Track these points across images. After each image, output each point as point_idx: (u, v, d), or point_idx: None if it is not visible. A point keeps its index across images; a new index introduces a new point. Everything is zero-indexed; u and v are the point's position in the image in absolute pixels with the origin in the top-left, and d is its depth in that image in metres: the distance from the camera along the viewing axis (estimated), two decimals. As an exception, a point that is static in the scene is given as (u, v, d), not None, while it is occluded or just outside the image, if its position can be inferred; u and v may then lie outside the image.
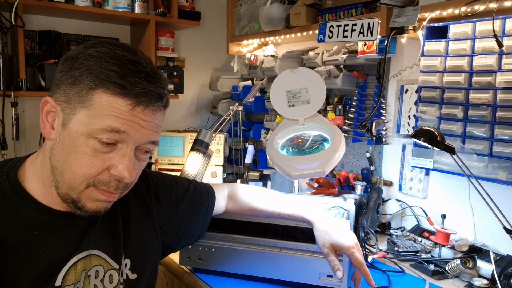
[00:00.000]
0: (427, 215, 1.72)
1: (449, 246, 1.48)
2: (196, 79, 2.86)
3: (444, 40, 1.55)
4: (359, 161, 2.05)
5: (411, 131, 1.68)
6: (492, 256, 1.35)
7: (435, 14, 1.53)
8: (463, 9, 1.44)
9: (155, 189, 1.07)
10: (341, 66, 2.00)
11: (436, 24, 1.58)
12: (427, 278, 1.39)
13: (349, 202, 1.33)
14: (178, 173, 1.63)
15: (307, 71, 1.63)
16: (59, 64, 0.83)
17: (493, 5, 1.34)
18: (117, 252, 0.93)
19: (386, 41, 1.64)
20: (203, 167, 1.74)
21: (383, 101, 1.90)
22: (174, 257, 1.39)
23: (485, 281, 1.31)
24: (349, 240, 1.12)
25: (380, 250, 1.57)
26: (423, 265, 1.45)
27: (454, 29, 1.52)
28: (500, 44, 1.36)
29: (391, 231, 1.76)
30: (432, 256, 1.50)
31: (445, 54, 1.56)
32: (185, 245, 1.22)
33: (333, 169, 1.72)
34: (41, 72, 2.15)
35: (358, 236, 1.45)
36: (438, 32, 1.58)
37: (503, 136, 1.42)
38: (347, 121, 2.03)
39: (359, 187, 1.86)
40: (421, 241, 1.60)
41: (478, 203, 1.43)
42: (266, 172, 2.06)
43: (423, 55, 1.63)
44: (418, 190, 1.78)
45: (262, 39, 2.41)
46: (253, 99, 2.41)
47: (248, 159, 1.98)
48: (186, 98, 2.79)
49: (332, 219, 1.19)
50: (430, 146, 1.34)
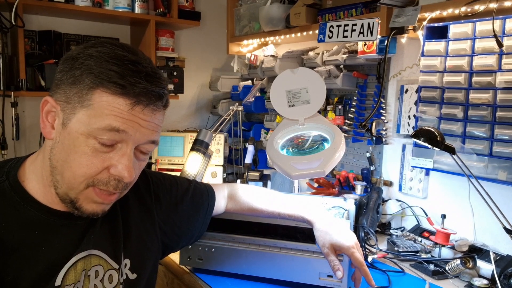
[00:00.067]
0: (427, 215, 1.72)
1: (449, 246, 1.48)
2: (196, 79, 2.86)
3: (444, 40, 1.55)
4: (359, 161, 2.05)
5: (411, 131, 1.68)
6: (492, 256, 1.35)
7: (435, 14, 1.53)
8: (463, 9, 1.44)
9: (155, 189, 1.07)
10: (341, 66, 2.00)
11: (436, 24, 1.58)
12: (427, 278, 1.39)
13: (349, 202, 1.33)
14: (178, 173, 1.63)
15: (307, 71, 1.63)
16: (59, 64, 0.83)
17: (493, 5, 1.34)
18: (117, 252, 0.93)
19: (386, 41, 1.64)
20: (203, 167, 1.74)
21: (383, 101, 1.90)
22: (174, 257, 1.39)
23: (485, 281, 1.31)
24: (349, 240, 1.12)
25: (380, 250, 1.57)
26: (423, 265, 1.45)
27: (454, 29, 1.52)
28: (500, 44, 1.36)
29: (391, 231, 1.76)
30: (432, 256, 1.50)
31: (445, 54, 1.56)
32: (185, 245, 1.22)
33: (333, 169, 1.72)
34: (41, 72, 2.15)
35: (358, 236, 1.45)
36: (438, 32, 1.58)
37: (503, 136, 1.42)
38: (347, 121, 2.03)
39: (359, 187, 1.86)
40: (421, 241, 1.60)
41: (478, 203, 1.43)
42: (266, 172, 2.06)
43: (423, 55, 1.63)
44: (418, 190, 1.78)
45: (262, 39, 2.41)
46: (253, 99, 2.41)
47: (248, 159, 1.98)
48: (186, 98, 2.79)
49: (332, 219, 1.19)
50: (430, 146, 1.34)
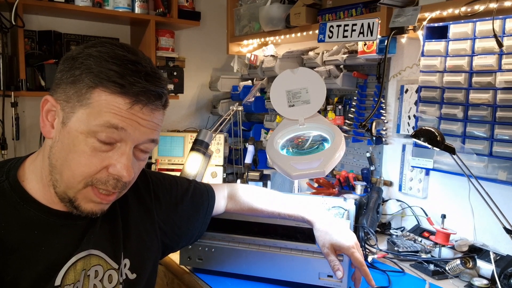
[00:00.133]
0: (427, 215, 1.72)
1: (449, 246, 1.48)
2: (196, 79, 2.86)
3: (444, 40, 1.55)
4: (359, 161, 2.05)
5: (411, 131, 1.68)
6: (492, 256, 1.35)
7: (435, 14, 1.53)
8: (463, 9, 1.44)
9: (154, 189, 1.07)
10: (341, 66, 2.00)
11: (436, 24, 1.58)
12: (427, 278, 1.39)
13: (349, 202, 1.33)
14: (178, 173, 1.63)
15: (307, 71, 1.63)
16: (59, 64, 0.84)
17: (493, 5, 1.34)
18: (117, 252, 0.93)
19: (386, 41, 1.64)
20: (203, 167, 1.74)
21: (383, 101, 1.90)
22: (174, 257, 1.39)
23: (485, 281, 1.31)
24: (349, 240, 1.12)
25: (380, 250, 1.57)
26: (423, 265, 1.45)
27: (454, 29, 1.52)
28: (500, 44, 1.36)
29: (391, 231, 1.76)
30: (432, 256, 1.50)
31: (445, 54, 1.56)
32: (185, 245, 1.22)
33: (333, 169, 1.72)
34: (41, 72, 2.15)
35: (358, 236, 1.45)
36: (438, 32, 1.58)
37: (503, 136, 1.42)
38: (347, 121, 2.03)
39: (359, 187, 1.86)
40: (421, 241, 1.60)
41: (478, 203, 1.43)
42: (266, 172, 2.06)
43: (423, 55, 1.62)
44: (418, 190, 1.78)
45: (262, 39, 2.41)
46: (253, 99, 2.41)
47: (248, 159, 1.98)
48: (186, 98, 2.79)
49: (332, 219, 1.19)
50: (430, 146, 1.34)
